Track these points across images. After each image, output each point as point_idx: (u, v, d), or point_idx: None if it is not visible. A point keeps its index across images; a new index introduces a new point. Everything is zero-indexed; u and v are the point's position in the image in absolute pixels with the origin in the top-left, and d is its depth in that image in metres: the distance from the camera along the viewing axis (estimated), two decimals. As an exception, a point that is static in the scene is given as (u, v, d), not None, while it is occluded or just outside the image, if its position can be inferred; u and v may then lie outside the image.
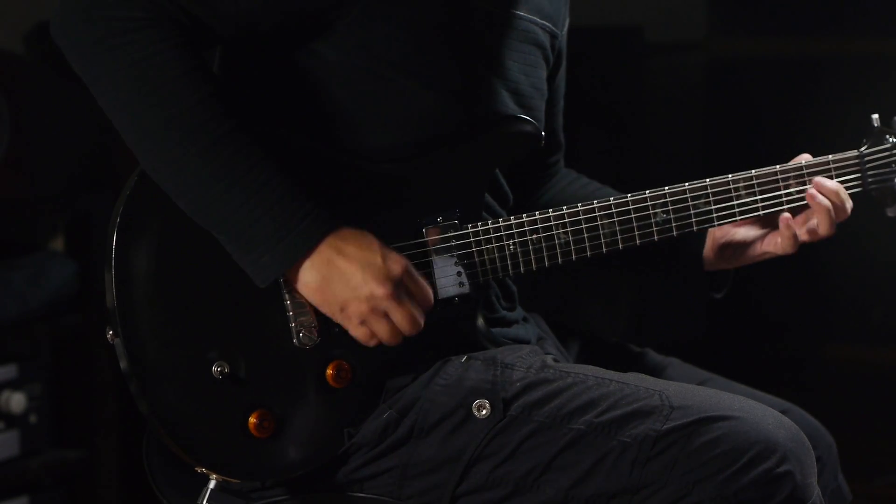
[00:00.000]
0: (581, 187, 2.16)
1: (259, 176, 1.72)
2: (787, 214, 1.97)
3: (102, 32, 1.70)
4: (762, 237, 2.02)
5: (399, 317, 1.76)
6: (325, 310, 1.77)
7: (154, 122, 1.71)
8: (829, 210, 1.95)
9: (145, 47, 1.70)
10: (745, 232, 2.03)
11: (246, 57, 1.86)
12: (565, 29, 2.07)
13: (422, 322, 1.78)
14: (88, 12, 1.71)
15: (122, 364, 1.75)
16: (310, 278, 1.75)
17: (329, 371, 1.79)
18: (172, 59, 1.71)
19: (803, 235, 1.98)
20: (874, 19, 3.86)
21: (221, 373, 1.76)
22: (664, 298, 3.89)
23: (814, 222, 1.97)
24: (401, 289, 1.76)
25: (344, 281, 1.74)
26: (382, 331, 1.77)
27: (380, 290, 1.74)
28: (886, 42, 3.83)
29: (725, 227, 2.03)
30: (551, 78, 2.05)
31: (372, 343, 1.78)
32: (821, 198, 1.96)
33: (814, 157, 2.01)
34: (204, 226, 1.74)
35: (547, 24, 1.99)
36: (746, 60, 4.09)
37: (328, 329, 1.80)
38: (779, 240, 1.99)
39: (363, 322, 1.76)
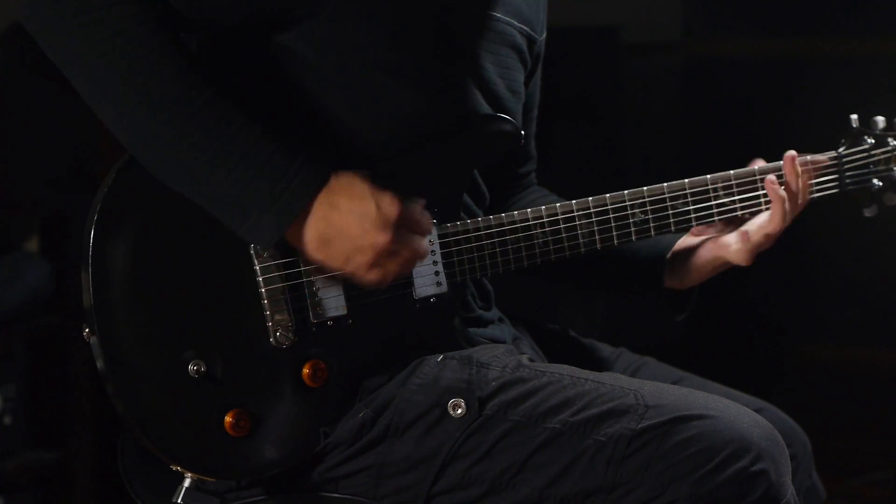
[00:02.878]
0: (553, 203, 2.14)
1: (244, 140, 1.71)
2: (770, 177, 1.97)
3: (73, 10, 1.69)
4: (710, 240, 2.02)
5: (406, 254, 1.77)
6: (330, 265, 1.76)
7: (132, 98, 1.70)
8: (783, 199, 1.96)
9: (118, 23, 1.69)
10: (689, 241, 2.03)
11: (224, 53, 1.86)
12: (543, 35, 2.08)
13: (427, 249, 1.79)
14: None
15: (99, 363, 1.75)
16: (309, 237, 1.74)
17: (305, 370, 1.79)
18: (145, 32, 1.69)
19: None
20: (850, 19, 3.87)
21: (198, 372, 1.75)
22: (640, 298, 3.89)
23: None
24: (401, 230, 1.76)
25: (343, 236, 1.74)
26: (393, 269, 1.77)
27: (381, 238, 1.74)
28: (864, 42, 3.85)
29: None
30: (526, 83, 2.05)
31: (387, 283, 1.78)
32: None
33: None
34: (195, 200, 1.73)
35: (524, 27, 1.99)
36: (723, 61, 4.10)
37: (305, 328, 1.80)
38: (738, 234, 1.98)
39: (371, 267, 1.76)
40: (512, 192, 2.15)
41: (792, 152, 1.99)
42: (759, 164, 2.01)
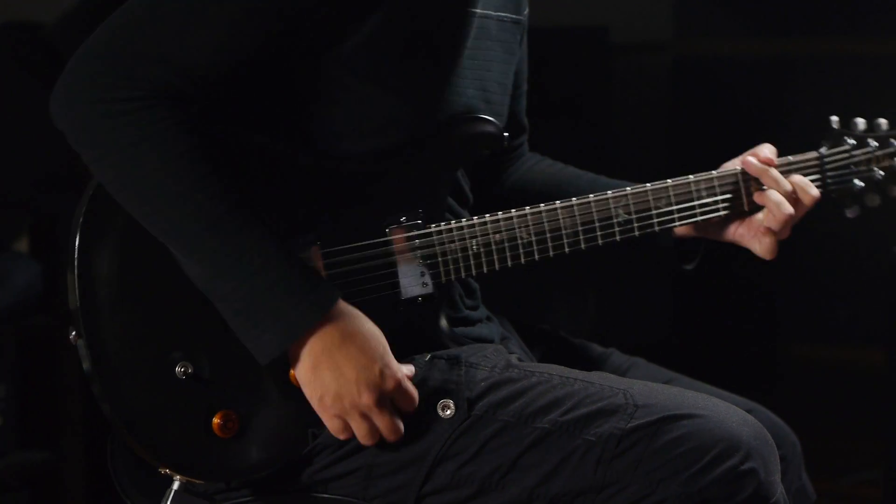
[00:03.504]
0: (548, 166, 2.17)
1: (260, 254, 1.71)
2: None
3: (102, 112, 1.70)
4: (741, 224, 2.04)
5: (380, 423, 1.75)
6: (307, 391, 1.76)
7: (156, 202, 1.71)
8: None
9: (145, 127, 1.70)
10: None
11: None
12: (526, 11, 2.07)
13: (402, 430, 1.77)
14: (88, 93, 1.71)
15: (85, 365, 1.74)
16: (305, 360, 1.74)
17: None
18: (172, 138, 1.70)
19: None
20: (840, 20, 3.88)
21: (185, 373, 1.75)
22: (630, 297, 3.90)
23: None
24: (385, 399, 1.75)
25: (334, 373, 1.73)
26: (359, 430, 1.75)
27: (365, 397, 1.73)
28: (852, 42, 3.86)
29: None
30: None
31: (342, 437, 1.77)
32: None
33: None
34: (209, 296, 1.73)
35: (504, 14, 1.98)
36: (712, 61, 4.10)
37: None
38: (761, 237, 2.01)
39: (338, 416, 1.75)
40: (507, 163, 2.16)
41: (761, 165, 2.00)
42: (737, 163, 2.02)
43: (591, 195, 1.92)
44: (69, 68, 1.73)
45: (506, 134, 1.91)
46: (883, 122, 2.11)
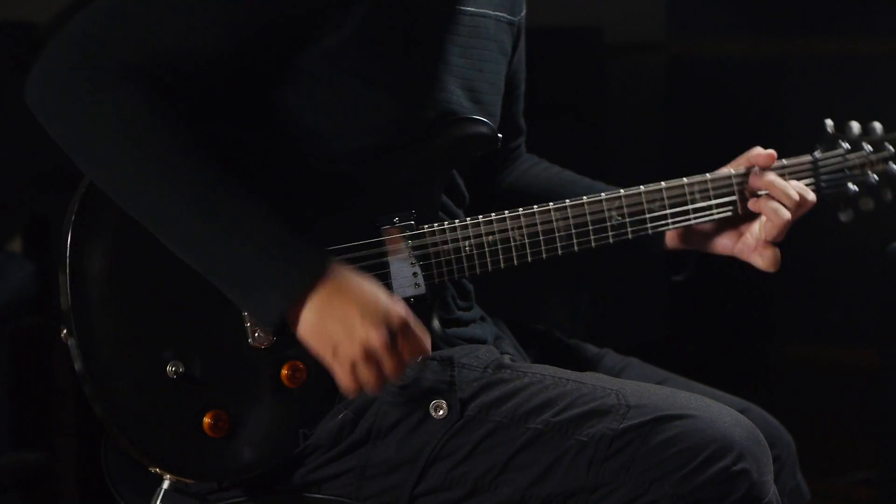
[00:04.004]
0: (544, 170, 2.17)
1: (251, 218, 1.71)
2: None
3: (78, 93, 1.70)
4: (733, 237, 2.03)
5: (388, 366, 1.73)
6: (318, 350, 1.74)
7: (139, 179, 1.70)
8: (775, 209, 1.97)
9: (121, 104, 1.69)
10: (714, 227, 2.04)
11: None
12: (523, 12, 2.07)
13: (402, 374, 1.75)
14: (63, 74, 1.70)
15: (77, 365, 1.74)
16: (309, 316, 1.72)
17: (284, 371, 1.79)
18: (148, 113, 1.70)
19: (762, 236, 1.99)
20: (834, 20, 3.88)
21: (176, 373, 1.75)
22: (625, 298, 3.90)
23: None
24: (395, 338, 1.73)
25: (341, 320, 1.71)
26: (368, 378, 1.73)
27: (375, 335, 1.71)
28: (847, 43, 3.86)
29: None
30: (509, 62, 2.05)
31: (353, 390, 1.74)
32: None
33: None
34: (203, 273, 1.73)
35: (501, 14, 1.98)
36: (707, 61, 4.10)
37: (283, 329, 1.79)
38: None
39: (353, 367, 1.73)
40: (504, 165, 2.16)
41: (755, 169, 2.00)
42: (731, 167, 2.02)
43: (585, 197, 1.92)
44: (45, 54, 1.73)
45: (500, 135, 1.91)
46: (877, 125, 2.12)
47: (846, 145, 2.09)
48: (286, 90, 1.81)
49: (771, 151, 2.01)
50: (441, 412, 1.78)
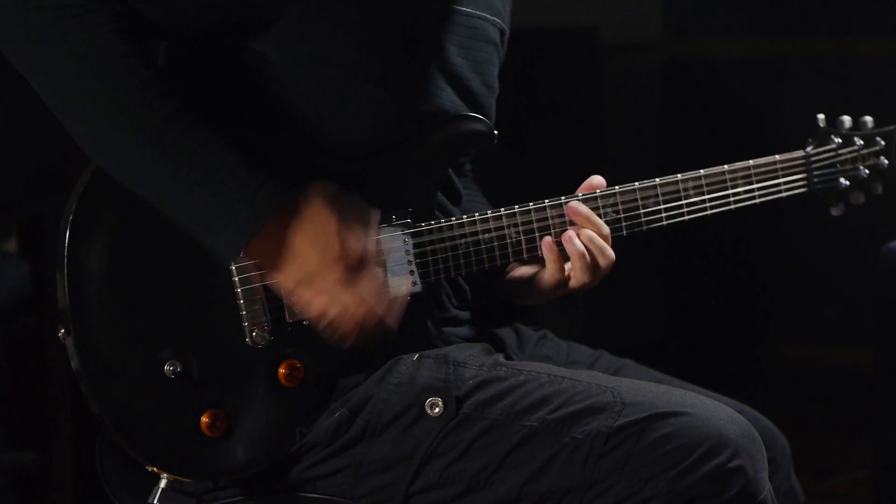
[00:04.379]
0: (469, 201, 2.08)
1: (208, 153, 1.70)
2: (548, 239, 1.90)
3: (39, 23, 1.68)
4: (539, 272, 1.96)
5: (366, 288, 1.75)
6: (283, 287, 1.75)
7: (98, 110, 1.69)
8: (583, 255, 1.90)
9: (83, 33, 1.68)
10: (524, 269, 1.98)
11: (191, 57, 1.86)
12: (509, 26, 2.07)
13: (378, 310, 1.76)
14: (24, 4, 1.69)
15: (74, 363, 1.74)
16: (269, 252, 1.73)
17: (281, 370, 1.79)
18: (115, 40, 1.69)
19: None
20: (827, 20, 3.89)
21: (174, 372, 1.75)
22: (620, 299, 3.90)
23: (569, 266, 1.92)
24: (361, 265, 1.75)
25: (298, 260, 1.73)
26: (350, 301, 1.74)
27: (332, 273, 1.73)
28: (840, 42, 3.87)
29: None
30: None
31: (324, 327, 1.75)
32: (577, 242, 1.89)
33: (763, 156, 2.03)
34: (161, 210, 1.72)
35: (497, 20, 1.99)
36: (702, 61, 4.11)
37: (281, 328, 1.79)
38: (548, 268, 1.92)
39: (312, 307, 1.75)
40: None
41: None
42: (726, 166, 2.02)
43: (580, 194, 1.93)
44: None
45: (496, 132, 1.91)
46: (868, 119, 2.12)
47: (838, 140, 2.09)
48: (276, 81, 1.81)
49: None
50: (437, 410, 1.78)
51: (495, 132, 1.91)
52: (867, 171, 2.10)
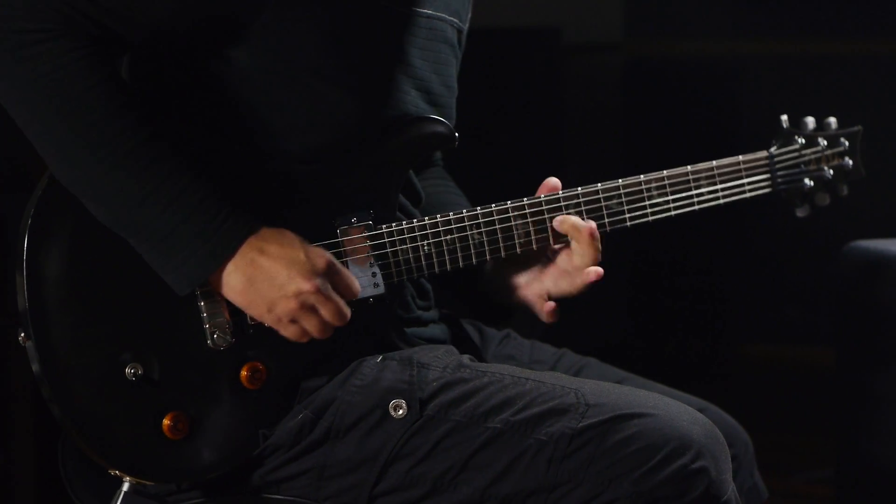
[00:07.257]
0: (436, 186, 2.12)
1: (176, 183, 1.71)
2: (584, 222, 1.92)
3: (12, 45, 1.69)
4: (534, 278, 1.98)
5: (327, 310, 1.76)
6: (252, 312, 1.77)
7: (67, 135, 1.70)
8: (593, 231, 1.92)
9: (56, 58, 1.69)
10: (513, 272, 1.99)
11: (156, 62, 1.85)
12: (466, 26, 2.07)
13: (348, 313, 1.78)
14: (2, 24, 1.69)
15: (34, 367, 1.74)
16: (234, 281, 1.75)
17: (243, 372, 1.79)
18: (83, 69, 1.70)
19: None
20: (789, 20, 3.91)
21: (135, 374, 1.74)
22: (582, 298, 3.91)
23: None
24: (326, 282, 1.76)
25: (269, 280, 1.74)
26: (313, 326, 1.77)
27: (306, 286, 1.74)
28: (802, 42, 3.88)
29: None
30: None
31: (304, 339, 1.78)
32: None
33: (726, 157, 2.03)
34: (123, 235, 1.73)
35: (455, 20, 1.99)
36: (663, 62, 4.12)
37: (242, 330, 1.79)
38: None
39: (293, 320, 1.76)
40: (418, 170, 2.10)
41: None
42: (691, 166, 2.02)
43: (542, 195, 1.93)
44: None
45: (456, 134, 1.91)
46: (832, 120, 2.13)
47: (801, 140, 2.10)
48: (239, 84, 1.81)
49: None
50: (400, 412, 1.78)
51: (456, 134, 1.91)
52: (832, 172, 2.11)
